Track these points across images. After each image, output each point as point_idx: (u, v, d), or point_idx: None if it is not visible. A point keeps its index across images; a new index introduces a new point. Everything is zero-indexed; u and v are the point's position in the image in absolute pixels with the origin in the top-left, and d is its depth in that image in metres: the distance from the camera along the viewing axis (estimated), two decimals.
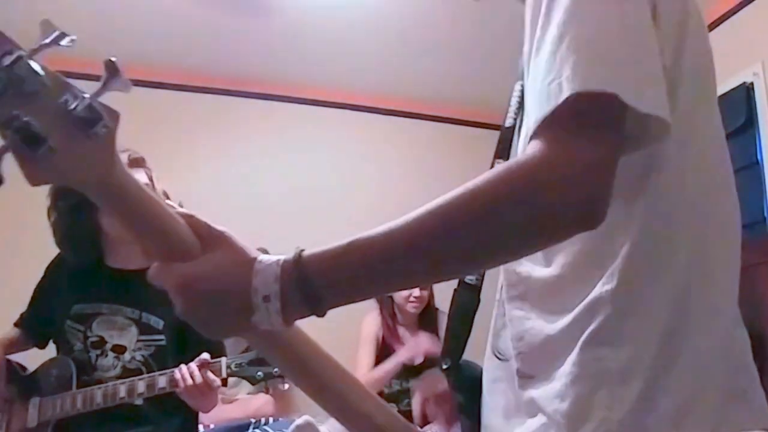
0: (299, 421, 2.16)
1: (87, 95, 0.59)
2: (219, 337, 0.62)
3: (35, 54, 0.57)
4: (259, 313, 0.58)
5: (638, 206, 0.65)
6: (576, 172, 0.55)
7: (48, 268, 1.89)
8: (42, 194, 2.23)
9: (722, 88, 2.71)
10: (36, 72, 0.57)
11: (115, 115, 0.60)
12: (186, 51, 3.36)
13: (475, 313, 0.83)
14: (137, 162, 1.80)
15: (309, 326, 0.67)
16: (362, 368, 2.85)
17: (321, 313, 0.59)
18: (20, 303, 1.91)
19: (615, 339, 0.64)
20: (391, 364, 2.81)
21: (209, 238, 0.62)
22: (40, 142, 0.56)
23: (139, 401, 1.65)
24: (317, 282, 0.57)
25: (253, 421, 2.42)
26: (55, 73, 0.59)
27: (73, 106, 0.58)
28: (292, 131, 3.65)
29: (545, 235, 0.57)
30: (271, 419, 2.47)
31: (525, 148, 0.61)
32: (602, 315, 0.64)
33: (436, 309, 3.01)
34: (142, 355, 1.73)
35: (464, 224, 0.55)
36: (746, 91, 2.64)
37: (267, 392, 2.82)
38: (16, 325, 1.91)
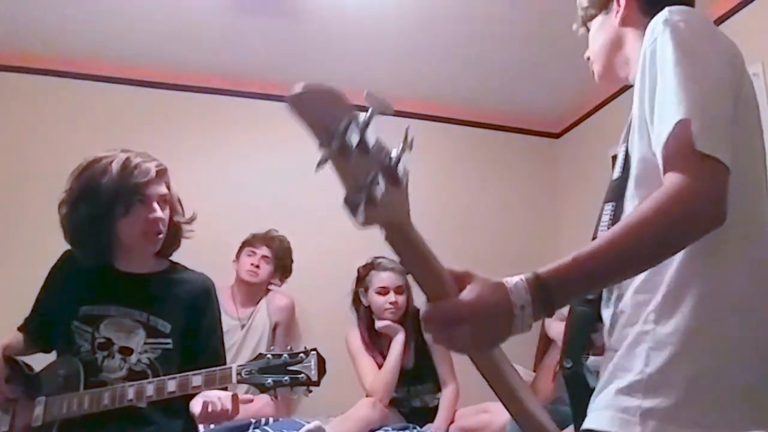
0: (310, 426, 2.15)
1: (394, 151, 0.72)
2: (488, 349, 0.82)
3: (370, 121, 0.70)
4: (516, 320, 0.77)
5: None
6: (703, 197, 0.81)
7: (53, 269, 1.87)
8: (38, 201, 2.20)
9: None
10: (375, 136, 0.70)
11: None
12: (189, 51, 3.35)
13: (594, 324, 1.06)
14: (161, 173, 1.78)
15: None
16: (369, 375, 2.81)
17: (552, 313, 0.79)
18: (18, 307, 1.89)
19: (657, 321, 0.93)
20: (392, 357, 2.79)
21: (461, 277, 0.79)
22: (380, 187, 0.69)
23: (141, 403, 1.63)
24: (554, 292, 0.78)
25: (253, 421, 2.40)
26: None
27: (387, 161, 0.71)
28: (297, 132, 3.64)
29: (696, 234, 0.83)
30: (271, 419, 2.45)
31: (634, 153, 0.99)
32: (651, 306, 0.94)
33: (418, 309, 2.95)
34: (148, 358, 1.72)
35: (653, 236, 0.81)
36: None
37: (276, 399, 2.81)
38: (20, 329, 1.88)
